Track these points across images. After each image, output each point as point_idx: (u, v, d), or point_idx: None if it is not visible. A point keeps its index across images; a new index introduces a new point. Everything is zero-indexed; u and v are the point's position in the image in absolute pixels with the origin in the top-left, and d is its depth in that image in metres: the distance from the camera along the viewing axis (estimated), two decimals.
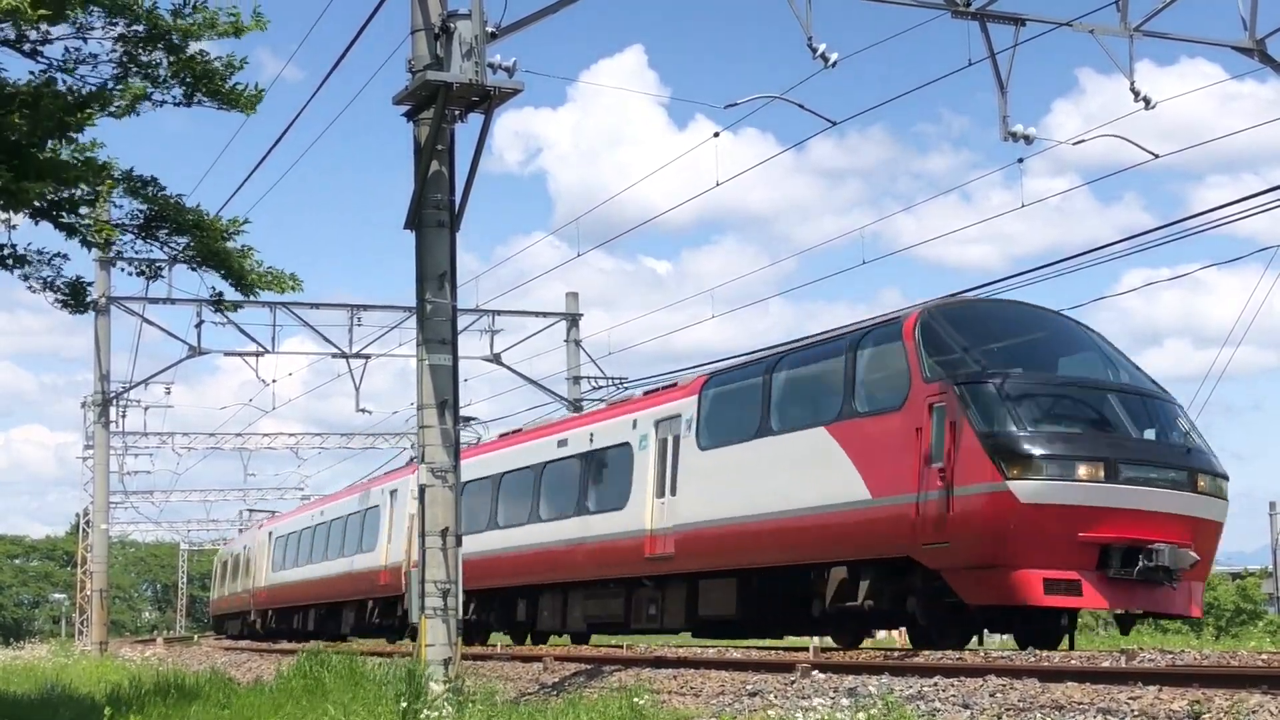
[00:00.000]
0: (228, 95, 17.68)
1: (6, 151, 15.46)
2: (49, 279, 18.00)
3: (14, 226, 17.58)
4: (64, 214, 17.06)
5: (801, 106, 20.20)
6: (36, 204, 16.36)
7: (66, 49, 16.95)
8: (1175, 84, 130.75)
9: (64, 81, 16.79)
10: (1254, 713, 11.07)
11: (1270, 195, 17.19)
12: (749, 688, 16.32)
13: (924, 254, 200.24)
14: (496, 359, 43.16)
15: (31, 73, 16.86)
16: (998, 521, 17.04)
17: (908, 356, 18.44)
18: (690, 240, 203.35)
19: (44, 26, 16.30)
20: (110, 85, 16.97)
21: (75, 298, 18.31)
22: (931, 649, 18.10)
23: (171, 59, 17.13)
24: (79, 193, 16.60)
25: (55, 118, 15.86)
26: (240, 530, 77.32)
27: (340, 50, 18.72)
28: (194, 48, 17.24)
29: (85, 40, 16.97)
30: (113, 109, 16.90)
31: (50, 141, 16.35)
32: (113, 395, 46.59)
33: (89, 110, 16.41)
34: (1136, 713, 11.80)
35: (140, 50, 17.06)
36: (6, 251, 17.66)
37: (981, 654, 18.65)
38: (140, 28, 16.81)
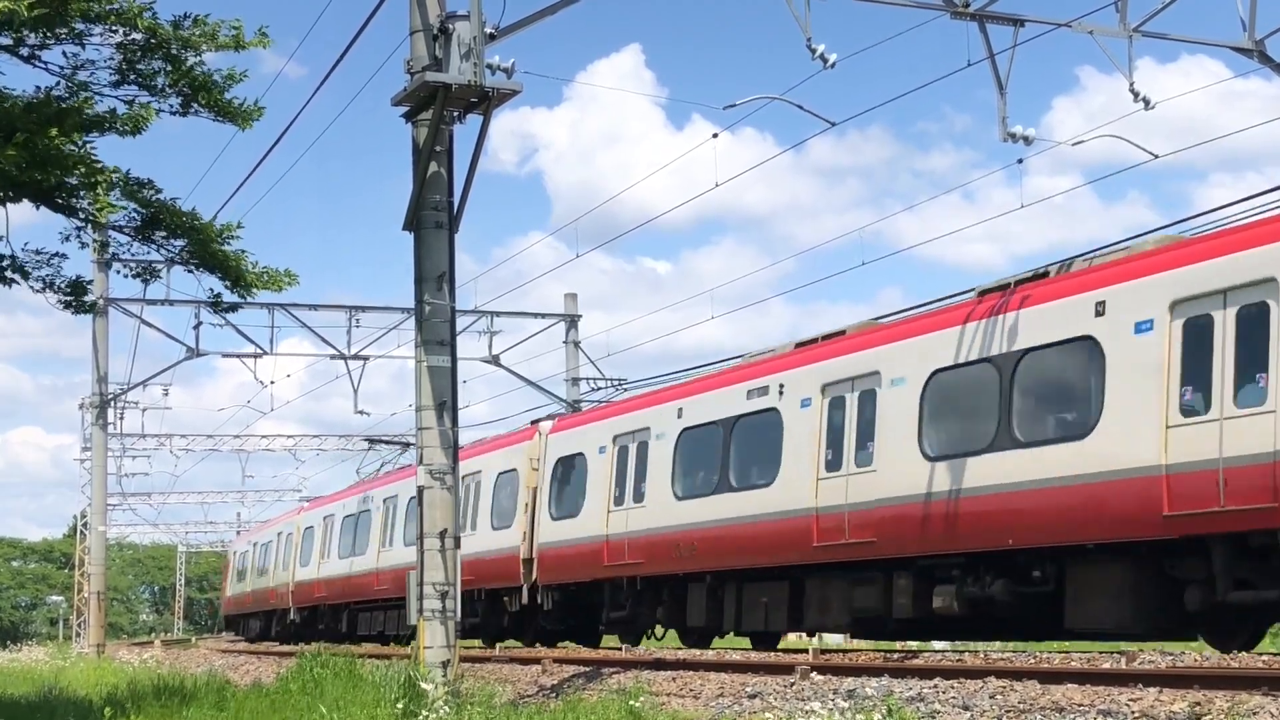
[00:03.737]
0: (225, 107, 17.65)
1: (4, 137, 15.45)
2: (49, 278, 18.01)
3: (4, 239, 17.55)
4: (62, 197, 17.03)
5: (800, 107, 20.18)
6: (39, 181, 16.29)
7: (65, 54, 16.95)
8: (1177, 81, 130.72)
9: (68, 101, 16.78)
10: (1254, 714, 11.07)
11: (1273, 194, 17.14)
12: (748, 690, 16.30)
13: (924, 253, 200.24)
14: (495, 360, 43.12)
15: (38, 86, 16.89)
16: None
17: None
18: (690, 241, 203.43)
19: (42, 31, 16.26)
20: (113, 109, 16.99)
21: (76, 297, 18.32)
22: None
23: (170, 69, 17.10)
24: (76, 177, 16.55)
25: (52, 115, 15.86)
26: (238, 532, 76.94)
27: (340, 50, 18.72)
28: (192, 59, 17.20)
29: (83, 46, 16.96)
30: (117, 128, 16.90)
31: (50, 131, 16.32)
32: (111, 397, 46.57)
33: (87, 117, 16.44)
34: (1137, 714, 11.78)
35: (139, 59, 17.03)
36: (5, 262, 17.63)
37: (982, 655, 18.63)
38: (139, 36, 16.78)
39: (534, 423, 31.18)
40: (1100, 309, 17.05)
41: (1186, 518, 15.63)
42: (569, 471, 28.47)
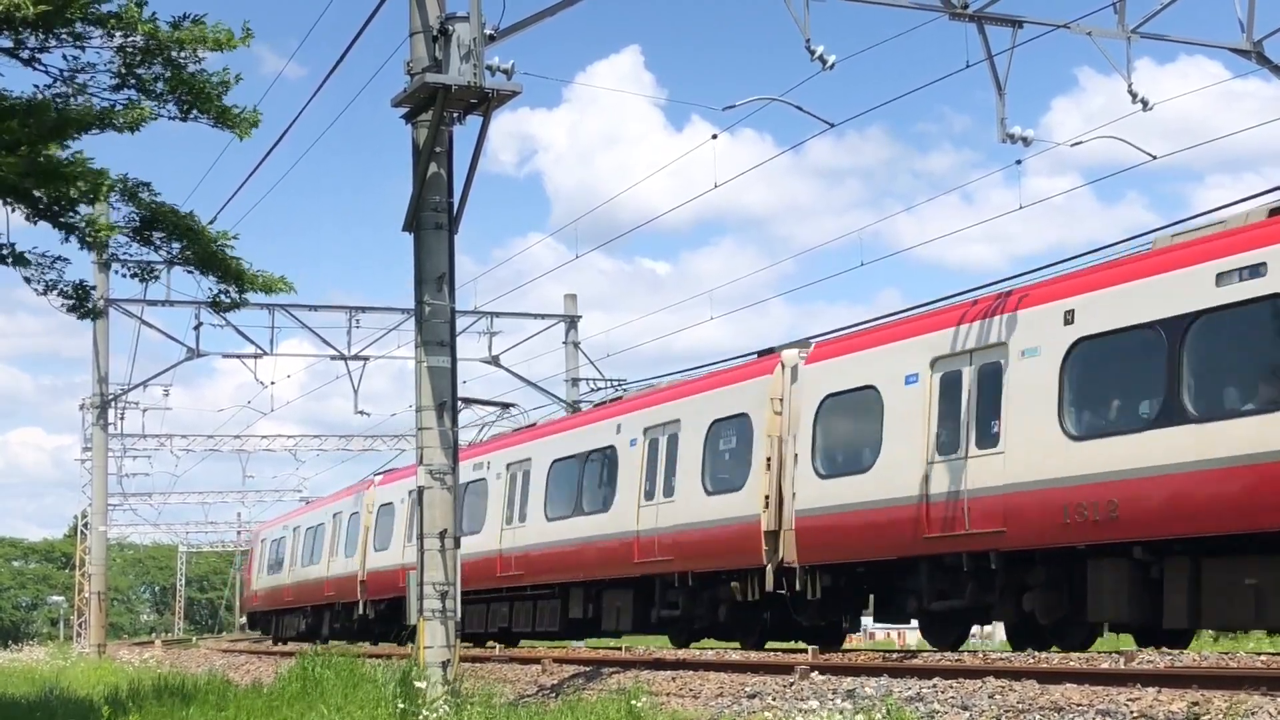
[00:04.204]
0: (223, 114, 17.66)
1: (5, 149, 15.52)
2: (53, 281, 18.05)
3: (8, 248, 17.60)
4: (63, 214, 17.11)
5: (800, 108, 20.23)
6: (38, 198, 16.36)
7: (65, 57, 16.98)
8: (1176, 82, 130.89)
9: (69, 101, 16.80)
10: (1253, 714, 11.08)
11: (1271, 195, 17.14)
12: (748, 689, 16.32)
13: (923, 254, 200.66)
14: (495, 361, 43.18)
15: (36, 86, 16.92)
16: None
17: None
18: (689, 241, 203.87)
19: (41, 34, 16.29)
20: (113, 104, 17.01)
21: (80, 300, 18.36)
22: None
23: (169, 74, 17.13)
24: (76, 191, 16.62)
25: (52, 126, 15.93)
26: (239, 532, 76.58)
27: (340, 50, 18.76)
28: (191, 64, 17.23)
29: (83, 50, 16.99)
30: (115, 124, 16.95)
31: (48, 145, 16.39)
32: (111, 397, 46.64)
33: (87, 121, 16.50)
34: (1136, 714, 11.80)
35: (138, 63, 17.06)
36: (6, 250, 17.69)
37: (980, 655, 18.65)
38: (138, 39, 16.81)
39: (766, 353, 24.03)
40: None
41: None
42: (846, 412, 21.44)
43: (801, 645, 23.08)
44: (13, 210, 16.96)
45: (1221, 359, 16.30)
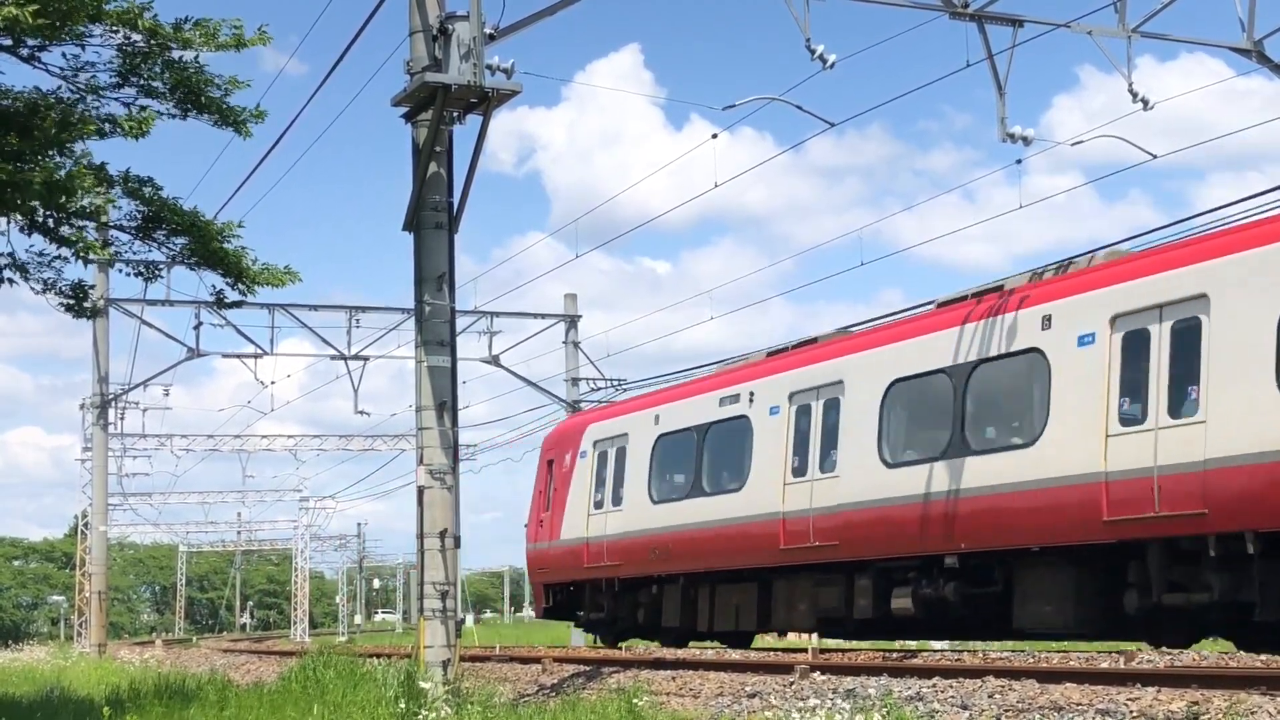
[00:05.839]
0: (225, 113, 17.63)
1: (6, 158, 15.50)
2: (51, 280, 18.02)
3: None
4: (61, 225, 17.09)
5: (800, 108, 20.21)
6: (35, 207, 16.35)
7: (65, 55, 16.96)
8: (1178, 80, 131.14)
9: (70, 101, 16.79)
10: (1252, 713, 11.08)
11: (1274, 194, 17.16)
12: (748, 689, 16.32)
13: (923, 253, 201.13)
14: (495, 360, 43.16)
15: (38, 88, 16.89)
16: None
17: None
18: (689, 241, 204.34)
19: (43, 35, 16.28)
20: (116, 113, 17.02)
21: (78, 300, 18.32)
22: None
23: (170, 73, 17.11)
24: (76, 204, 16.62)
25: (53, 136, 15.92)
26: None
27: (340, 49, 18.74)
28: (191, 63, 17.18)
29: (84, 48, 16.97)
30: (122, 128, 16.94)
31: (49, 154, 16.39)
32: (111, 397, 46.63)
33: (89, 126, 16.49)
34: (1135, 714, 11.80)
35: (140, 63, 17.04)
36: (4, 261, 17.66)
37: (980, 655, 18.64)
38: (139, 38, 16.79)
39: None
40: None
41: None
42: None
43: (801, 645, 23.08)
44: (9, 222, 16.94)
45: None
